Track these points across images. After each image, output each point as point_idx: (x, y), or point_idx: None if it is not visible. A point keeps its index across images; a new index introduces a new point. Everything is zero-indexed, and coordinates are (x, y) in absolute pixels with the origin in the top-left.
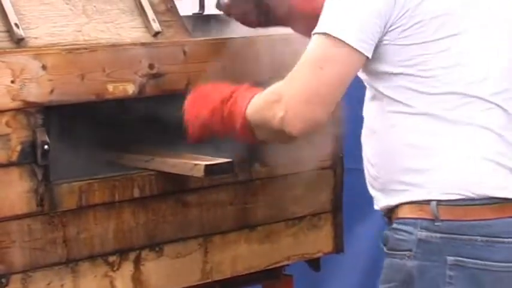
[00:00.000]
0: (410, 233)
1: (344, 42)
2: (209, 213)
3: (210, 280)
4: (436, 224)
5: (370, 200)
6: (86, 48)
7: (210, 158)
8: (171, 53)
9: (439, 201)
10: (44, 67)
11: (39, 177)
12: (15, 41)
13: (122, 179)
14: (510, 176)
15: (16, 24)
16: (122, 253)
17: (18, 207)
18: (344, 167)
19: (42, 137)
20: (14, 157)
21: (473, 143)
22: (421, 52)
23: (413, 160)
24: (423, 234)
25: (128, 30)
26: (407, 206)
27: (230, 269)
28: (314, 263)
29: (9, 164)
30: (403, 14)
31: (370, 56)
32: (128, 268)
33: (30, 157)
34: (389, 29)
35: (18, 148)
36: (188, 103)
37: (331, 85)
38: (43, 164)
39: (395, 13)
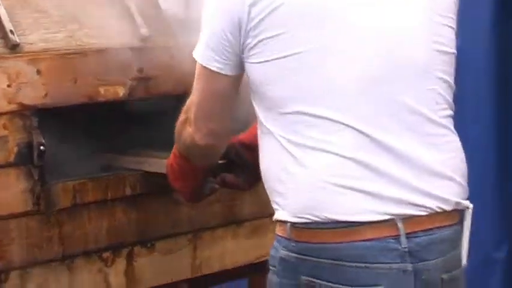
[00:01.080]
0: (277, 250)
1: (197, 61)
2: (198, 210)
3: (199, 274)
4: (292, 244)
5: None
6: (78, 53)
7: None
8: (159, 56)
9: (292, 223)
10: (38, 71)
11: (36, 177)
12: (10, 47)
13: (114, 178)
14: (363, 198)
15: (11, 31)
16: (115, 249)
17: (15, 207)
18: None
19: (38, 138)
20: (11, 158)
21: (320, 167)
22: (268, 70)
23: (277, 183)
24: (284, 252)
25: (118, 35)
26: (278, 223)
27: (218, 264)
28: None
29: (6, 165)
30: (248, 32)
31: (227, 73)
32: (121, 264)
33: (26, 158)
34: (242, 47)
35: (15, 150)
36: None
37: (207, 100)
38: (39, 164)
39: (242, 30)
